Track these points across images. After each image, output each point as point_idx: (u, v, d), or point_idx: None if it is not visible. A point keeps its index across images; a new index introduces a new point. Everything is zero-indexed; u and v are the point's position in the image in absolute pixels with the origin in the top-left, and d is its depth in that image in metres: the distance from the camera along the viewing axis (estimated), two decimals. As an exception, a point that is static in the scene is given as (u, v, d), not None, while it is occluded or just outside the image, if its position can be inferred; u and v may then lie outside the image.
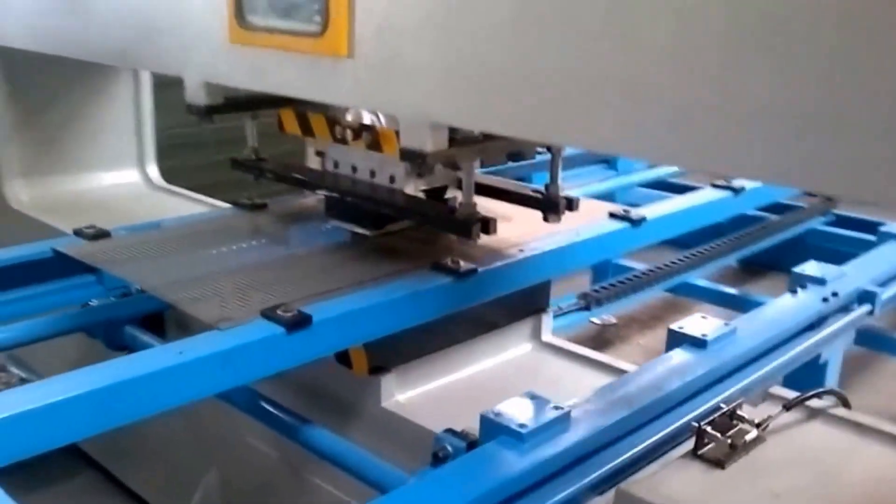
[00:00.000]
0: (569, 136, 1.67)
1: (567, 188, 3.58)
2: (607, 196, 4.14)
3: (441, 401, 2.34)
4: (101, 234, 2.51)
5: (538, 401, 1.89)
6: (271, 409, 2.26)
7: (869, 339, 3.31)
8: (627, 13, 1.43)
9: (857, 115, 1.19)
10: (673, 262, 3.88)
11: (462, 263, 2.23)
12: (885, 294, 2.69)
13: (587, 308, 3.65)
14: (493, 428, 1.81)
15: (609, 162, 4.49)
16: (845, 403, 2.17)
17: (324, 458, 2.14)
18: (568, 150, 4.04)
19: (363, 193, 2.41)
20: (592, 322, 4.40)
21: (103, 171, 3.94)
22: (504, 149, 2.25)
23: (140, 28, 2.51)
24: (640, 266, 3.99)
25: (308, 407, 2.30)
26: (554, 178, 2.34)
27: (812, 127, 1.24)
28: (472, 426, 1.89)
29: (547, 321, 2.68)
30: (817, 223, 4.48)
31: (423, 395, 2.34)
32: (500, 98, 1.66)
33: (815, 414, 2.12)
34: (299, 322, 1.90)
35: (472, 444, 1.83)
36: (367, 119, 2.40)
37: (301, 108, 2.53)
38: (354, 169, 2.47)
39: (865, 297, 2.57)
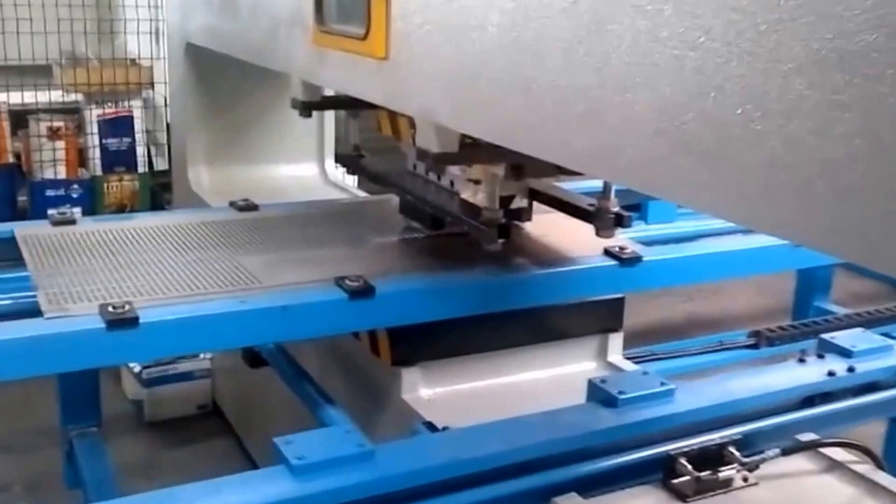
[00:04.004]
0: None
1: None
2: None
3: (469, 402, 2.36)
4: (68, 221, 2.62)
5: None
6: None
7: None
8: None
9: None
10: (876, 311, 3.48)
11: (362, 282, 2.16)
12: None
13: (755, 347, 3.41)
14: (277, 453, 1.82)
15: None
16: (875, 460, 1.99)
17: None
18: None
19: (419, 194, 2.51)
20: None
21: (282, 163, 4.26)
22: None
23: (266, 30, 2.76)
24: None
25: (345, 388, 2.43)
26: (606, 192, 2.30)
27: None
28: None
29: (616, 341, 2.63)
30: None
31: (452, 394, 2.37)
32: (491, 109, 1.69)
33: (832, 466, 1.96)
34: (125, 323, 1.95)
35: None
36: (437, 123, 2.49)
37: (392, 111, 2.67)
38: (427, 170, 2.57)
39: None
